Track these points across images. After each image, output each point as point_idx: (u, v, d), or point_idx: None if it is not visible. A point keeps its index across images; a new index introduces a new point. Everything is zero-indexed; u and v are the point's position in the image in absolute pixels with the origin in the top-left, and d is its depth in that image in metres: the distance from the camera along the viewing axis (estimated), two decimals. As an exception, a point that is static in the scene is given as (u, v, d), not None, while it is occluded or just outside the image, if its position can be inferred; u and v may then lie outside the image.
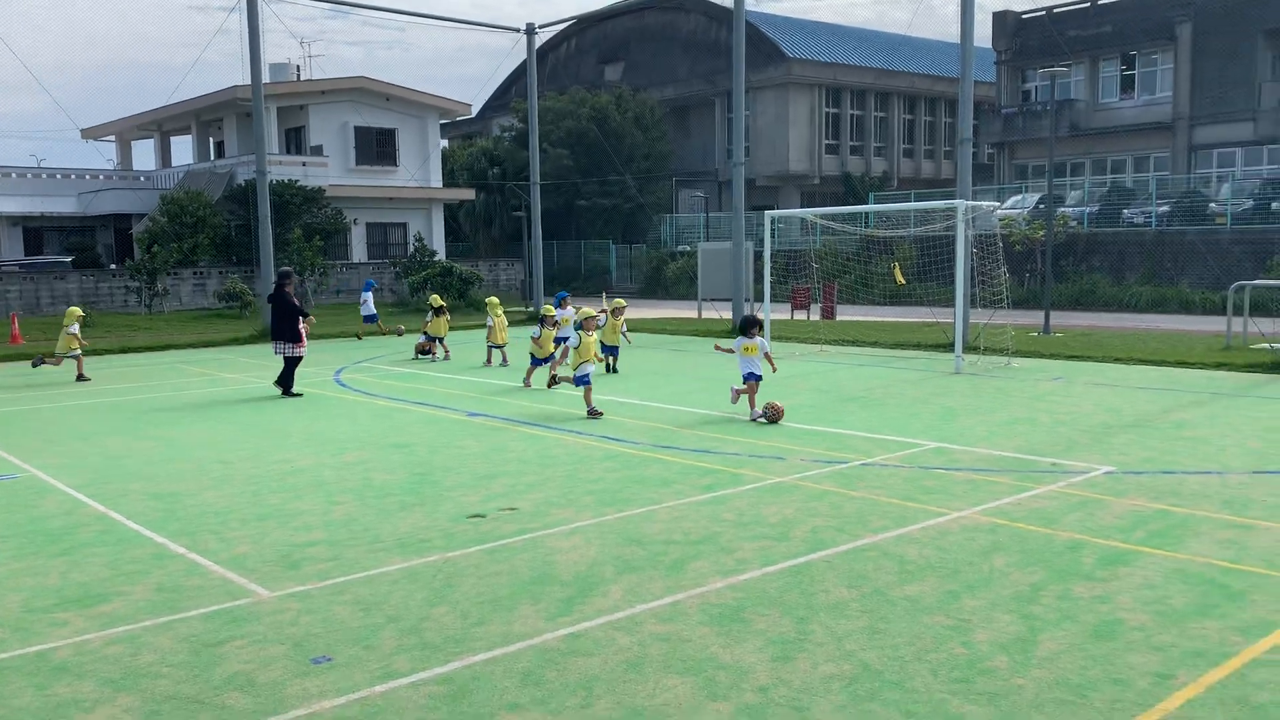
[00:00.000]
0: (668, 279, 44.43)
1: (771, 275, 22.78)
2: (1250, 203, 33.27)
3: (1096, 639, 5.63)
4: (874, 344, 21.83)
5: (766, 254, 20.55)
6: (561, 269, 50.46)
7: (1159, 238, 33.64)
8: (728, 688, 5.11)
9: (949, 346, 18.36)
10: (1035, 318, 24.52)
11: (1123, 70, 44.64)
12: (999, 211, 38.19)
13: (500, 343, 19.70)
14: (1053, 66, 31.09)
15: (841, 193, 49.57)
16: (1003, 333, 19.36)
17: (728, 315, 26.60)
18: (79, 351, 18.44)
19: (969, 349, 18.44)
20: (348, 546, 7.68)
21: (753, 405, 12.84)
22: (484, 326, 20.38)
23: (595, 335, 14.37)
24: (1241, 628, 5.73)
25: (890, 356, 19.87)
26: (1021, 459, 10.29)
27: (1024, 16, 46.23)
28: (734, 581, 6.69)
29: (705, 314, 30.65)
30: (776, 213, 22.05)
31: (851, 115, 53.57)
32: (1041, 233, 26.45)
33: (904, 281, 22.97)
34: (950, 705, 4.87)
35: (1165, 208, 35.38)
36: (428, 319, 21.28)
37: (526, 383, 16.31)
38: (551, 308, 17.35)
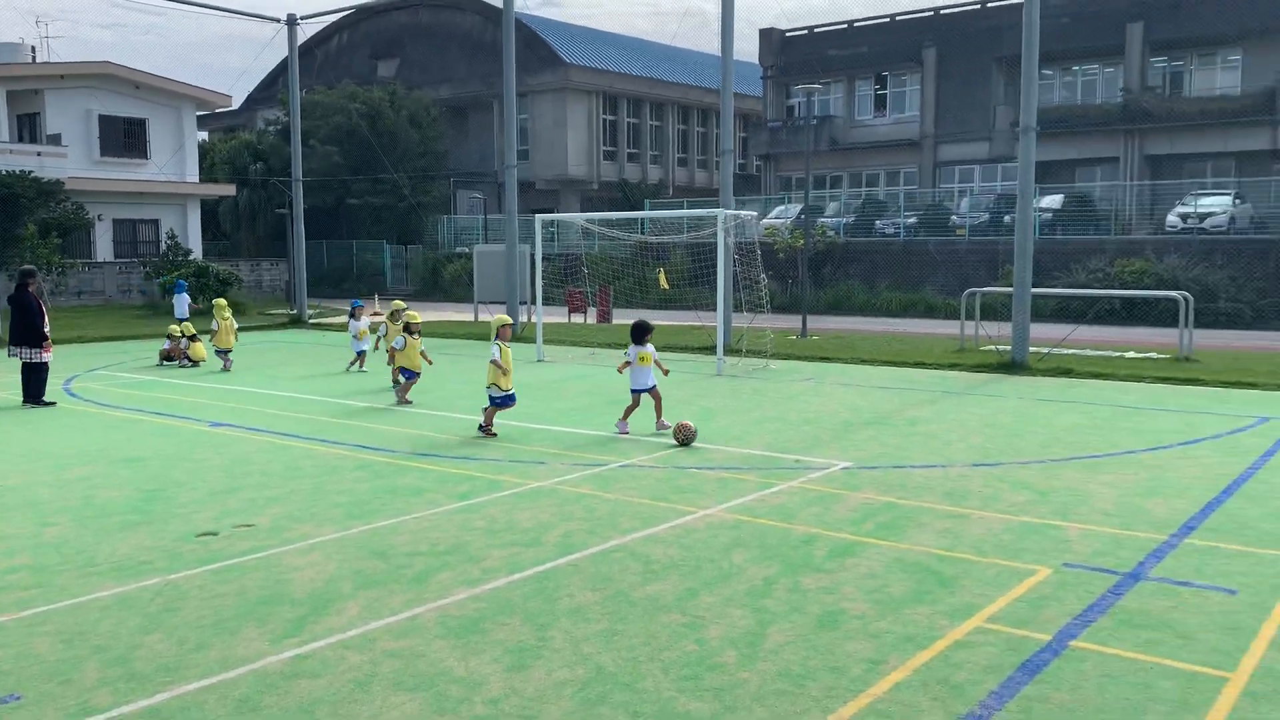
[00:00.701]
0: (445, 281, 43.69)
1: (548, 279, 22.86)
2: (986, 216, 36.27)
3: (820, 629, 5.88)
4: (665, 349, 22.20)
5: (538, 257, 20.52)
6: (332, 270, 48.63)
7: (907, 247, 36.10)
8: (458, 702, 4.99)
9: (713, 349, 18.93)
10: (796, 322, 25.71)
11: (877, 90, 47.67)
12: (765, 220, 39.94)
13: (226, 346, 18.79)
14: (812, 84, 32.79)
15: (620, 199, 50.36)
16: (763, 336, 20.16)
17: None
18: None
19: (731, 351, 19.08)
20: (56, 572, 7.01)
21: (659, 413, 12.08)
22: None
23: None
24: (949, 612, 6.14)
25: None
26: (770, 456, 10.70)
27: (788, 35, 48.53)
28: (478, 591, 6.57)
29: (482, 316, 30.32)
30: (547, 216, 22.06)
31: (628, 123, 54.52)
32: (802, 241, 27.77)
33: (669, 287, 23.54)
34: (677, 703, 4.94)
35: (913, 219, 38.05)
36: (214, 327, 19.11)
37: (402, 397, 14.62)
38: (415, 314, 15.36)
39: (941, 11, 44.52)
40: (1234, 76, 39.19)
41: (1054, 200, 35.72)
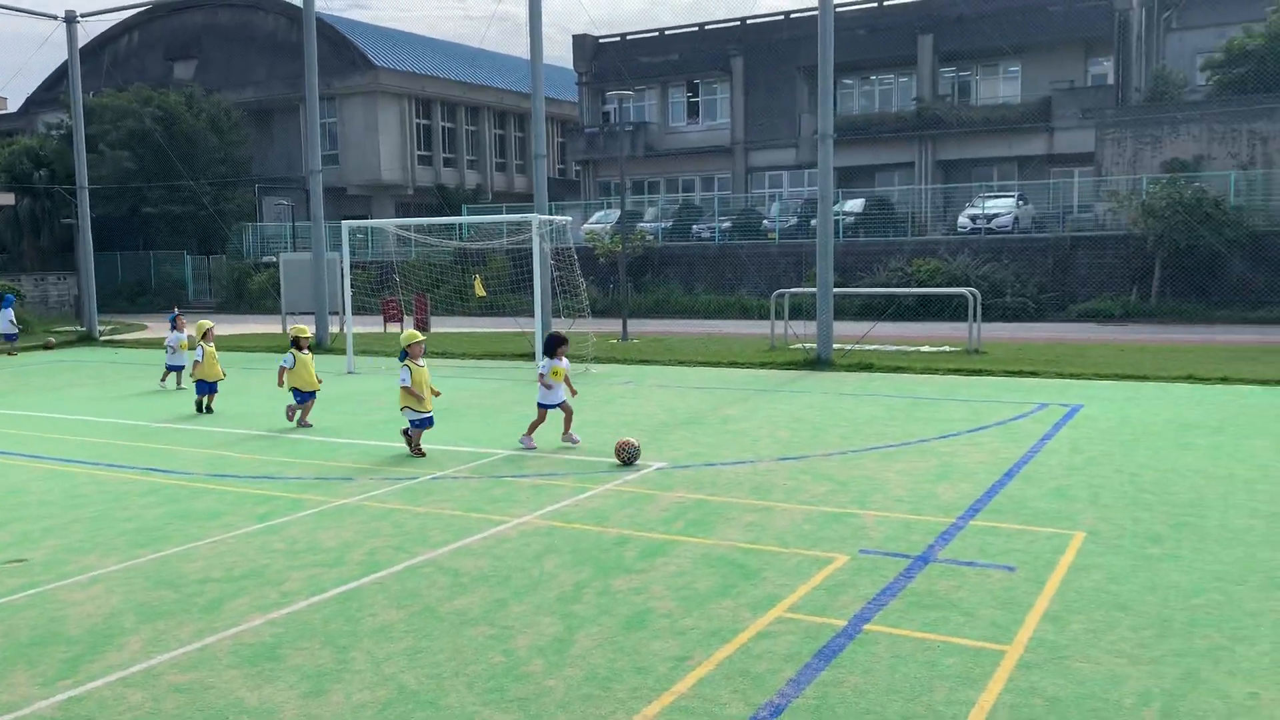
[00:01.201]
0: (251, 292, 41.78)
1: (363, 288, 22.13)
2: (795, 220, 37.64)
3: (628, 630, 5.92)
4: (463, 355, 21.91)
5: (346, 265, 19.89)
6: (128, 283, 45.76)
7: (722, 251, 37.04)
8: (248, 734, 4.74)
9: (533, 355, 18.83)
10: (617, 325, 25.92)
11: (689, 97, 48.73)
12: (585, 226, 40.15)
13: None
14: (625, 90, 33.21)
15: (436, 204, 49.52)
16: (584, 340, 20.22)
17: (311, 330, 25.48)
18: None
19: (550, 357, 18.98)
20: None
21: (568, 428, 11.60)
22: None
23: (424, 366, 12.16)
24: (752, 604, 6.29)
25: (478, 367, 20.04)
26: (586, 460, 10.72)
27: (601, 41, 48.96)
28: (275, 616, 6.28)
29: (290, 327, 29.23)
30: (356, 223, 21.41)
31: (443, 127, 53.70)
32: (621, 246, 28.05)
33: (485, 294, 23.31)
34: (480, 717, 4.86)
35: (727, 224, 39.09)
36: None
37: (293, 417, 13.33)
38: (305, 329, 13.89)
39: (747, 22, 45.94)
40: (1014, 86, 42.15)
41: (856, 204, 37.44)
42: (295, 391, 13.29)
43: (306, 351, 13.41)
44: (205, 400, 14.82)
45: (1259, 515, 8.06)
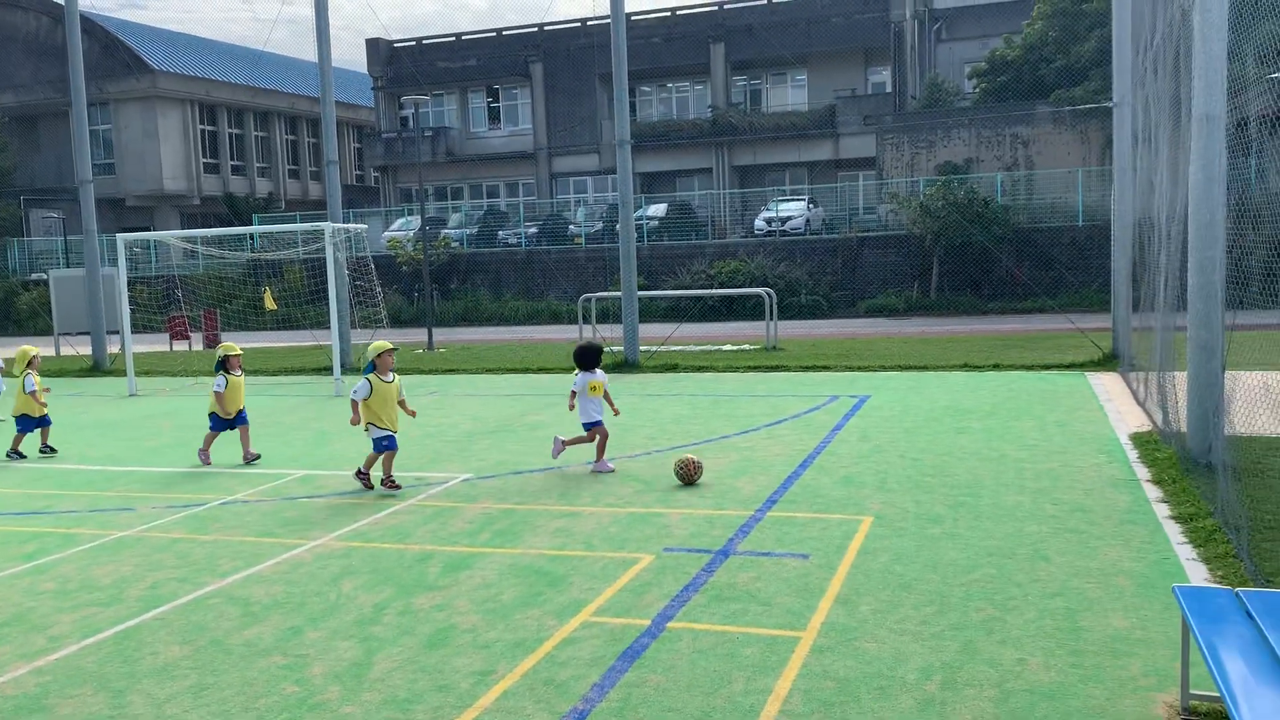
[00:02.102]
0: (19, 312, 38.54)
1: (146, 303, 20.76)
2: (600, 225, 38.00)
3: (429, 649, 5.78)
4: (258, 371, 20.92)
5: (122, 281, 18.62)
6: None
7: (529, 256, 36.97)
8: (6, 797, 4.33)
9: (330, 369, 18.19)
10: (424, 335, 25.40)
11: (489, 102, 48.38)
12: (386, 233, 39.18)
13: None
14: (421, 95, 32.62)
15: (225, 214, 47.15)
16: (384, 352, 19.68)
17: (87, 351, 23.74)
18: None
19: (351, 371, 18.43)
20: None
21: (601, 454, 10.28)
22: None
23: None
24: (557, 611, 6.27)
25: (273, 384, 19.17)
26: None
27: (396, 45, 47.92)
28: (41, 664, 5.77)
29: (64, 350, 27.10)
30: (133, 236, 20.08)
31: (231, 134, 51.22)
32: (422, 254, 27.50)
33: (276, 306, 22.35)
34: (272, 753, 4.62)
35: (534, 229, 39.06)
36: None
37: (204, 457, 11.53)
38: (234, 345, 11.94)
39: (545, 28, 46.04)
40: (802, 94, 44.07)
41: (659, 209, 38.20)
42: (214, 418, 11.44)
43: (239, 373, 11.67)
44: (29, 438, 12.48)
45: (1026, 492, 8.71)
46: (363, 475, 9.80)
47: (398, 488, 9.63)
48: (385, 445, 9.62)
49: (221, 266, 35.93)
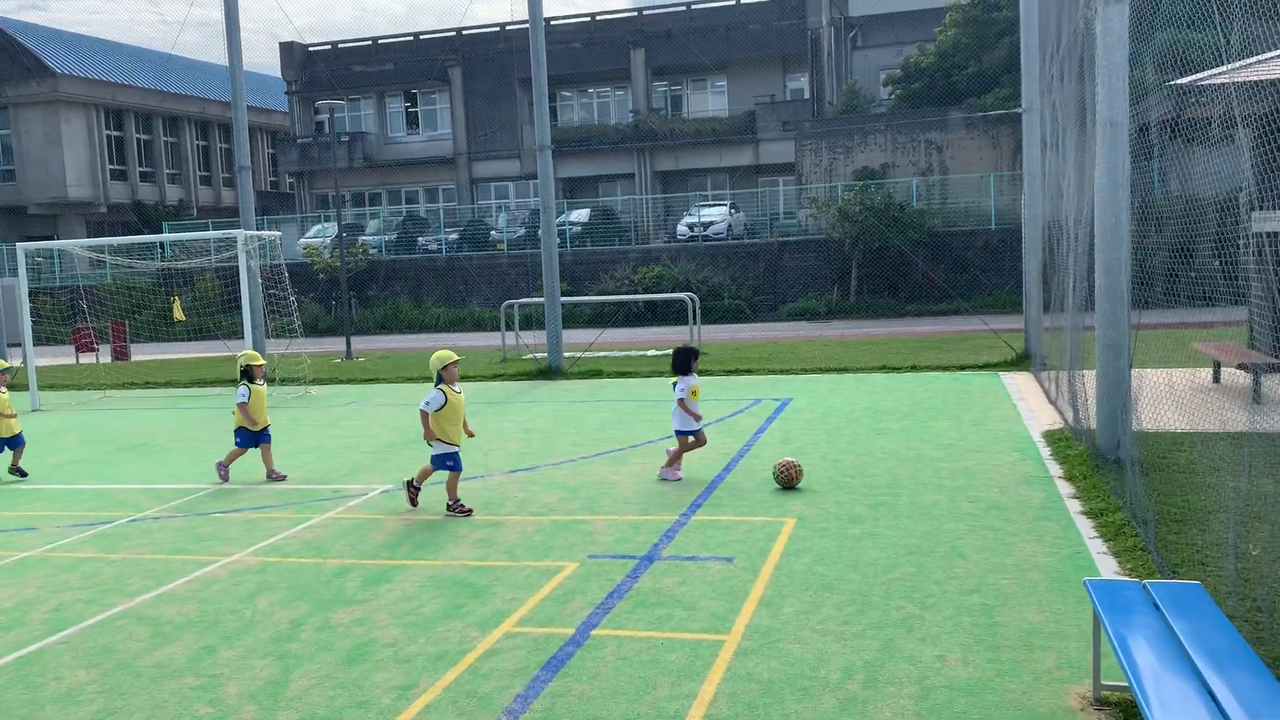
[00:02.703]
0: (-86, 326, 36.84)
1: (50, 314, 19.99)
2: (522, 231, 37.79)
3: (349, 665, 5.65)
4: (169, 384, 20.33)
5: (23, 292, 17.92)
6: None
7: (450, 263, 36.58)
8: (-105, 837, 4.10)
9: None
10: (342, 344, 24.95)
11: (408, 107, 47.79)
12: (302, 240, 38.43)
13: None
14: (336, 100, 32.07)
15: (134, 222, 45.73)
16: (300, 362, 19.30)
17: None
18: None
19: (266, 381, 17.98)
20: None
21: (677, 461, 9.88)
22: None
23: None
24: (480, 622, 6.19)
25: (185, 396, 18.64)
26: (305, 489, 10.20)
27: (311, 49, 47.06)
28: (-66, 694, 5.50)
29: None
30: (33, 245, 19.36)
31: (139, 139, 49.74)
32: (339, 262, 27.02)
33: (184, 317, 21.76)
34: (183, 779, 4.47)
35: (455, 235, 38.66)
36: None
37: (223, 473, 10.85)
38: (258, 355, 11.39)
39: (464, 32, 45.67)
40: (722, 101, 44.42)
41: (581, 214, 38.11)
42: (244, 435, 10.80)
43: (261, 381, 11.09)
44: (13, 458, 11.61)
45: (943, 490, 8.87)
46: (414, 489, 9.03)
47: (468, 512, 8.68)
48: (451, 465, 8.75)
49: (130, 276, 34.85)
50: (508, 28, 44.77)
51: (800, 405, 13.92)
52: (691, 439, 9.85)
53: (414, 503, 9.03)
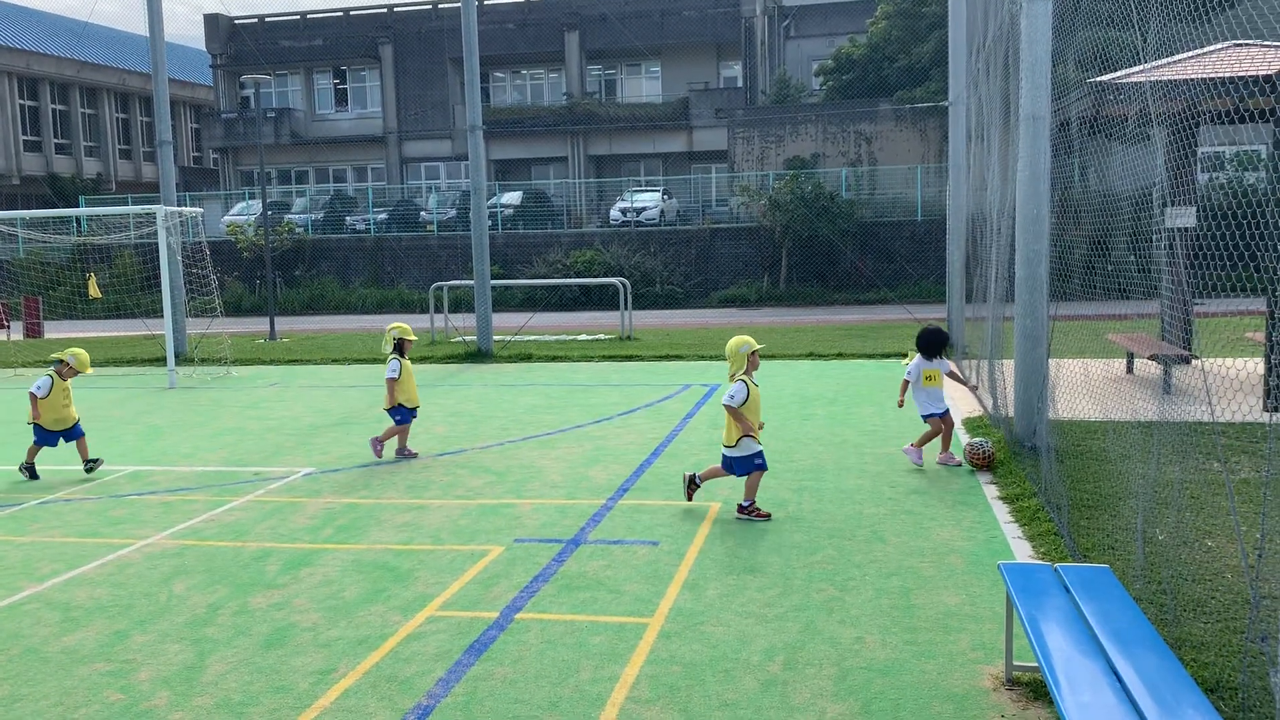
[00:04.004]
0: None
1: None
2: (453, 212, 37.35)
3: (266, 649, 5.55)
4: (84, 363, 19.69)
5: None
6: None
7: (379, 243, 36.03)
8: None
9: (164, 360, 17.30)
10: (266, 324, 24.43)
11: (336, 84, 46.87)
12: (226, 218, 37.51)
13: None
14: (262, 74, 31.33)
15: (49, 195, 44.17)
16: (220, 342, 18.86)
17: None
18: None
19: (185, 361, 17.59)
20: None
21: (946, 445, 9.40)
22: None
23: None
24: (402, 606, 6.13)
25: (99, 376, 18.08)
26: (224, 472, 9.98)
27: (237, 22, 45.88)
28: None
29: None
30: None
31: (55, 110, 48.04)
32: (264, 240, 26.43)
33: (100, 294, 21.12)
34: (90, 767, 4.35)
35: (383, 215, 38.07)
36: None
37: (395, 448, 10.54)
38: (407, 327, 10.67)
39: (395, 9, 44.92)
40: (656, 86, 44.40)
41: (514, 196, 37.81)
42: (399, 410, 10.34)
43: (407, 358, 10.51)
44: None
45: (866, 475, 9.02)
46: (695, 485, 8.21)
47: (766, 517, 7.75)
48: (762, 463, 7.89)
49: (45, 251, 33.71)
50: (440, 5, 44.17)
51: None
52: (934, 420, 9.31)
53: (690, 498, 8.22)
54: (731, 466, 7.86)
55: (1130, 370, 13.21)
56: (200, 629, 5.87)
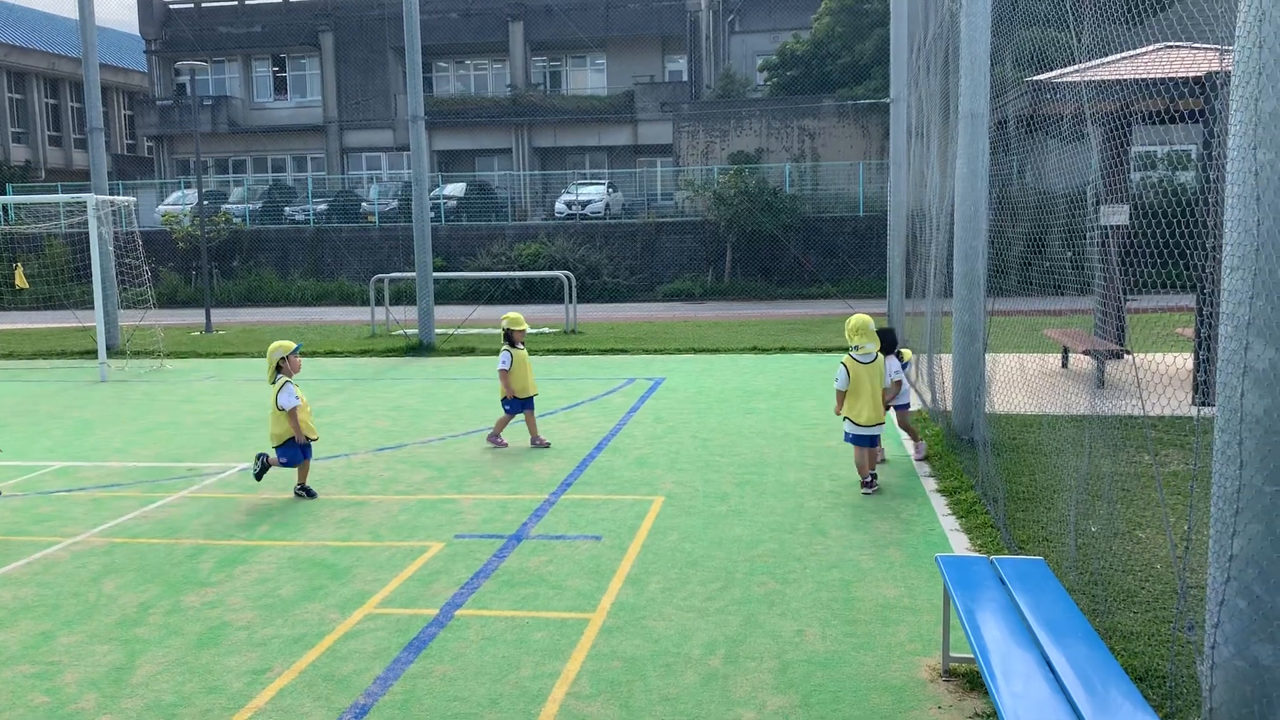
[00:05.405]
0: None
1: None
2: (395, 203, 36.88)
3: (199, 649, 5.43)
4: (10, 354, 19.13)
5: None
6: None
7: (319, 234, 35.46)
8: None
9: (95, 353, 16.85)
10: (202, 316, 23.93)
11: (275, 71, 46.01)
12: (161, 207, 36.66)
13: None
14: (198, 61, 30.67)
15: (-27, 182, 42.79)
16: (151, 335, 18.43)
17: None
18: None
19: (117, 355, 17.16)
20: None
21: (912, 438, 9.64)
22: None
23: None
24: (340, 604, 6.03)
25: (27, 369, 17.57)
26: (157, 467, 9.75)
27: (172, 7, 44.81)
28: None
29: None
30: None
31: (-21, 93, 46.50)
32: (200, 231, 25.87)
33: (27, 285, 20.51)
34: (12, 773, 4.22)
35: (323, 206, 37.46)
36: None
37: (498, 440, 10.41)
38: (519, 317, 10.52)
39: (336, -4, 44.21)
40: (601, 79, 44.26)
41: (457, 188, 37.44)
42: (511, 402, 10.19)
43: (522, 347, 10.36)
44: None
45: (807, 468, 9.08)
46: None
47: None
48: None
49: (-32, 240, 32.61)
50: (382, -6, 43.51)
51: (673, 385, 14.03)
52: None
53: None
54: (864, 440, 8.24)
55: (1065, 365, 13.47)
56: (130, 629, 5.72)
